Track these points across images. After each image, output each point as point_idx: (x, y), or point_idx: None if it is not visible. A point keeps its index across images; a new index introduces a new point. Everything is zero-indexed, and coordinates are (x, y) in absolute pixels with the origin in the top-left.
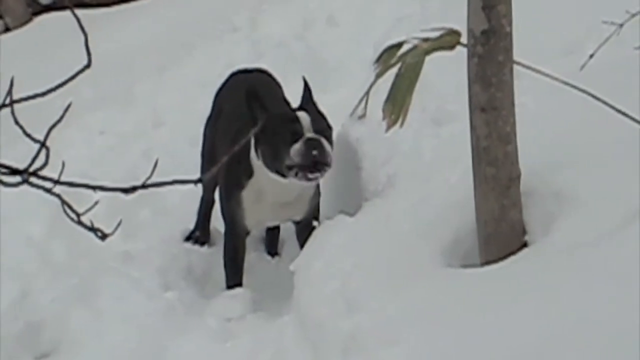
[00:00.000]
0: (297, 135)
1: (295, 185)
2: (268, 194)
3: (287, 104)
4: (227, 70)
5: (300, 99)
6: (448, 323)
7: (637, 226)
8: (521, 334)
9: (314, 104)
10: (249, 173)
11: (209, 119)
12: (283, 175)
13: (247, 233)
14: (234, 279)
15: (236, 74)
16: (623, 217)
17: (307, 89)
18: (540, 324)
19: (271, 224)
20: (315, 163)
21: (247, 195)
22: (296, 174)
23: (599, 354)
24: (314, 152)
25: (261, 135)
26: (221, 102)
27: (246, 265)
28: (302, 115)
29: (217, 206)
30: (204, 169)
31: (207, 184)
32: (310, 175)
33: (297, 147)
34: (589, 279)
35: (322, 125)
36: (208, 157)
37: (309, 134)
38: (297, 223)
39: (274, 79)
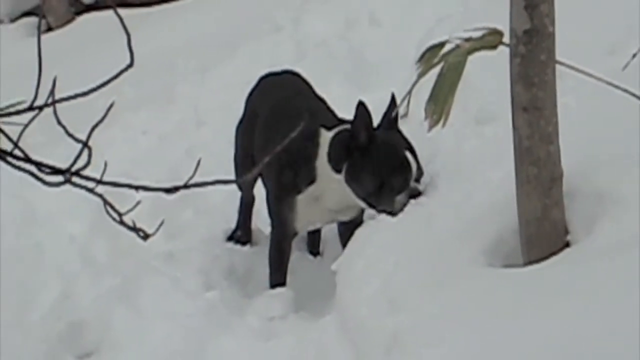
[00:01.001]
0: (406, 185)
1: (352, 196)
2: (326, 201)
3: (322, 101)
4: (271, 70)
5: (385, 116)
6: (490, 323)
7: None
8: (563, 335)
9: (399, 129)
10: (311, 179)
11: (241, 122)
12: (371, 207)
13: (295, 235)
14: (278, 279)
15: (266, 77)
16: None
17: (393, 106)
18: (583, 325)
19: (321, 226)
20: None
21: (303, 200)
22: (386, 212)
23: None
24: (410, 201)
25: (363, 160)
26: (254, 106)
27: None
28: (411, 160)
29: (258, 206)
30: (237, 172)
31: (245, 184)
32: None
33: (401, 199)
34: (632, 280)
35: (421, 170)
36: (242, 161)
37: (413, 183)
38: (343, 223)
39: (304, 80)
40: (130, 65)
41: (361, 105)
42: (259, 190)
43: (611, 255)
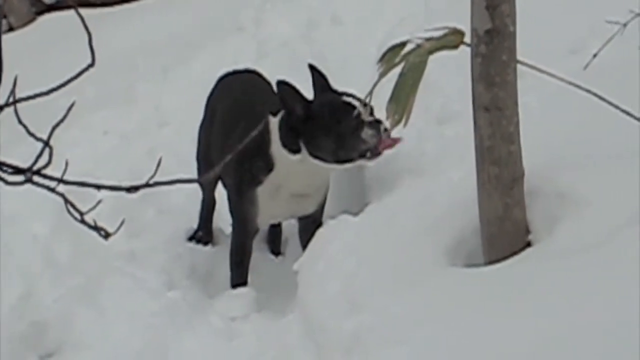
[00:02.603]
0: (359, 121)
1: (320, 175)
2: (289, 187)
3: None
4: (230, 70)
5: (315, 87)
6: (452, 323)
7: None
8: (525, 334)
9: (334, 88)
10: (269, 168)
11: (203, 122)
12: (349, 161)
13: (256, 232)
14: (239, 279)
15: (225, 77)
16: (627, 217)
17: (322, 76)
18: (544, 325)
19: (283, 219)
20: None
21: (264, 191)
22: (366, 156)
23: (602, 356)
24: (379, 133)
25: (311, 127)
26: (214, 106)
27: (250, 264)
28: (353, 101)
29: (219, 206)
30: (200, 172)
31: (207, 184)
32: (380, 151)
33: (367, 132)
34: (592, 279)
35: (369, 106)
36: (204, 160)
37: (367, 117)
38: (303, 219)
39: (264, 79)
40: (92, 64)
41: (281, 84)
42: (220, 191)
43: (572, 255)
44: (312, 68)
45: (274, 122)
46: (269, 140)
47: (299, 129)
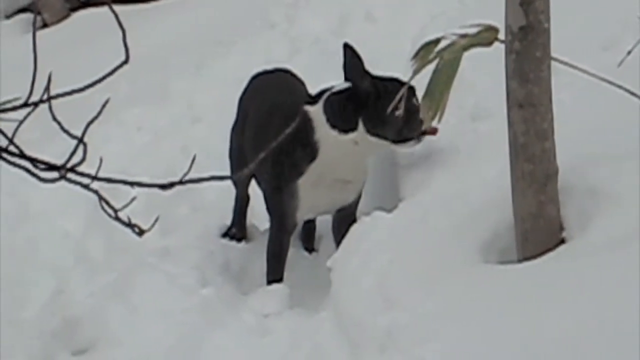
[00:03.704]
0: (417, 105)
1: (364, 158)
2: (332, 172)
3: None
4: (265, 67)
5: (350, 67)
6: (485, 320)
7: None
8: (557, 331)
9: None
10: (312, 156)
11: (235, 123)
12: (409, 140)
13: (294, 227)
14: (276, 275)
15: (258, 76)
16: None
17: (359, 57)
18: (577, 322)
19: (322, 211)
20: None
21: (305, 182)
22: (422, 136)
23: (634, 353)
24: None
25: (379, 104)
26: (246, 105)
27: None
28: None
29: (253, 202)
30: (232, 171)
31: (240, 182)
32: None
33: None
34: (626, 276)
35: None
36: (237, 159)
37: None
38: (338, 212)
39: (297, 78)
40: (126, 61)
41: (348, 49)
42: (254, 187)
43: (606, 252)
44: (348, 48)
45: (314, 109)
46: (311, 128)
47: (361, 105)
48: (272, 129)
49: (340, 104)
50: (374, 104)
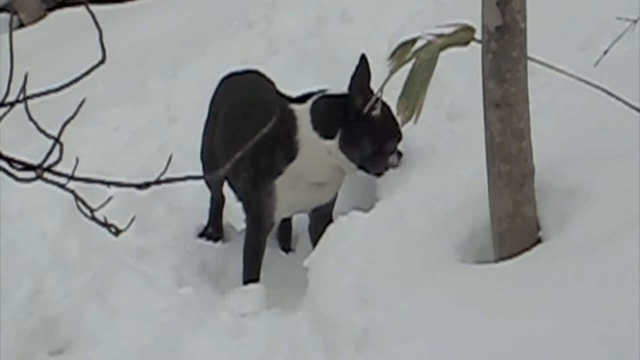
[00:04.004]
0: (396, 148)
1: (342, 166)
2: (309, 174)
3: (284, 97)
4: (242, 67)
5: (357, 79)
6: (462, 319)
7: None
8: (535, 331)
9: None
10: (291, 156)
11: (206, 123)
12: (366, 171)
13: (272, 227)
14: (252, 275)
15: (228, 77)
16: (637, 213)
17: (368, 72)
18: (554, 321)
19: (299, 211)
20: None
21: (283, 181)
22: (377, 174)
23: (612, 352)
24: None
25: (359, 127)
26: (217, 107)
27: None
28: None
29: (229, 202)
30: (204, 172)
31: (213, 184)
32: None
33: (392, 159)
34: (602, 276)
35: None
36: (208, 160)
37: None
38: (314, 212)
39: (266, 78)
40: (102, 61)
41: (363, 61)
42: (228, 189)
43: (583, 252)
44: (364, 60)
45: (301, 108)
46: (294, 127)
47: (346, 118)
48: (243, 130)
49: (329, 107)
50: (356, 123)
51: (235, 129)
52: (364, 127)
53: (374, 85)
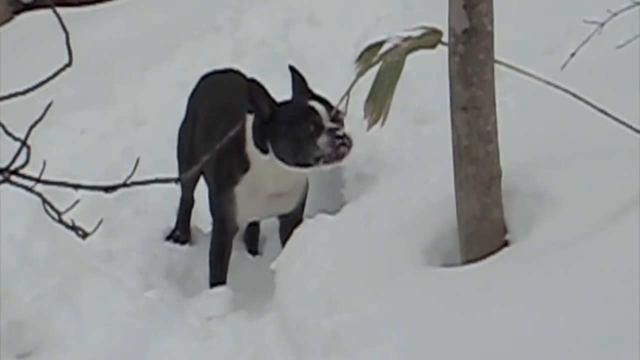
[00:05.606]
0: (319, 127)
1: (295, 176)
2: (264, 186)
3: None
4: (210, 70)
5: (294, 88)
6: (429, 322)
7: (618, 225)
8: (502, 333)
9: (311, 91)
10: (245, 167)
11: (184, 121)
12: (307, 166)
13: (236, 231)
14: (218, 277)
15: (208, 76)
16: (604, 216)
17: (301, 77)
18: (522, 323)
19: (262, 218)
20: (342, 150)
21: (241, 190)
22: (324, 162)
23: (579, 353)
24: (339, 141)
25: (274, 129)
26: (196, 105)
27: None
28: (317, 106)
29: (197, 205)
30: (181, 171)
31: (187, 183)
32: (339, 160)
33: (323, 139)
34: (569, 278)
35: (336, 112)
36: (186, 159)
37: (329, 124)
38: (283, 217)
39: (246, 78)
40: (69, 64)
41: (251, 83)
42: (199, 190)
43: (548, 254)
44: (292, 70)
45: (249, 121)
46: (245, 139)
47: (265, 130)
48: (219, 131)
49: (255, 124)
50: (273, 129)
51: (211, 130)
52: (277, 129)
53: (342, 88)
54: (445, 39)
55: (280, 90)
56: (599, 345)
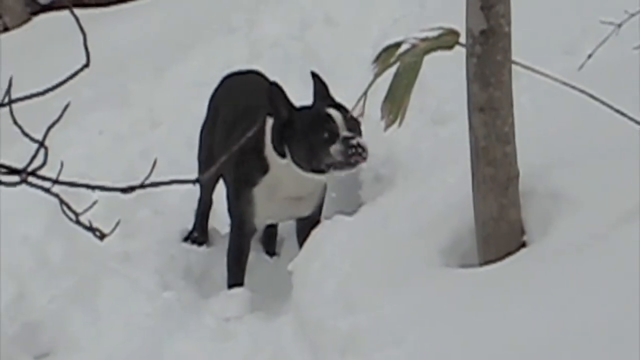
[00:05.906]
0: (334, 134)
1: (313, 180)
2: (283, 189)
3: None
4: (224, 71)
5: (315, 94)
6: (446, 323)
7: (634, 226)
8: (519, 334)
9: (332, 97)
10: (264, 169)
11: (205, 122)
12: (321, 172)
13: (254, 232)
14: (236, 279)
15: (230, 77)
16: (620, 216)
17: (322, 83)
18: (538, 324)
19: (280, 220)
20: (354, 159)
21: (259, 192)
22: (336, 169)
23: (596, 354)
24: (352, 150)
25: (291, 134)
26: (217, 106)
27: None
28: (334, 113)
29: (215, 206)
30: (201, 172)
31: (205, 185)
32: (352, 167)
33: (336, 147)
34: (586, 278)
35: (353, 121)
36: (206, 160)
37: (344, 132)
38: (301, 220)
39: (267, 79)
40: (87, 65)
41: (272, 86)
42: (218, 192)
43: (566, 255)
44: (314, 75)
45: (269, 124)
46: (264, 142)
47: (283, 134)
48: (239, 132)
49: (275, 129)
50: (290, 134)
51: (231, 131)
52: (294, 134)
53: (359, 90)
54: (462, 39)
55: (296, 92)
56: (614, 346)
